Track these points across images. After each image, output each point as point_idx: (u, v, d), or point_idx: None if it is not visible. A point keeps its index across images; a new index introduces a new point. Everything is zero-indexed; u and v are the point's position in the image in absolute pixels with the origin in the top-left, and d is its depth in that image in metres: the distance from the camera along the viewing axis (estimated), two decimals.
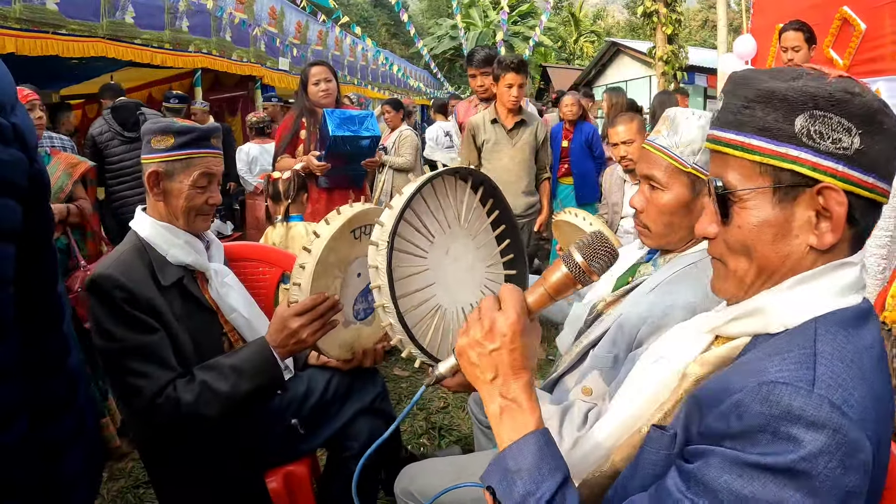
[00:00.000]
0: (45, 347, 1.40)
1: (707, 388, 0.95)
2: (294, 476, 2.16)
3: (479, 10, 35.83)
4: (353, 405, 2.23)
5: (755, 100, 0.96)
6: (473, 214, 1.68)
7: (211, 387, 1.79)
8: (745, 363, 0.94)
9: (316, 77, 4.11)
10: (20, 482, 1.25)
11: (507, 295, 1.11)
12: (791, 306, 0.97)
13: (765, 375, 0.86)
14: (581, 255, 1.12)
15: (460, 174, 1.64)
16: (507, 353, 1.06)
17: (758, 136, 0.96)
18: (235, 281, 2.14)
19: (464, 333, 1.12)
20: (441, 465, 1.94)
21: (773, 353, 0.91)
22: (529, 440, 1.03)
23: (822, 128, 0.91)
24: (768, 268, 1.00)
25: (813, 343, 0.89)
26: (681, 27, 16.25)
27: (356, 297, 2.08)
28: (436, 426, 3.54)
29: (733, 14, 16.87)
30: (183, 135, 1.96)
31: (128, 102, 5.62)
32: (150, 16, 8.33)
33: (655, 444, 1.00)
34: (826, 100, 0.91)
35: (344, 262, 1.96)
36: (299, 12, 12.93)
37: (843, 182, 0.92)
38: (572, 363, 1.88)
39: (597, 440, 1.18)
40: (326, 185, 4.10)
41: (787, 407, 0.81)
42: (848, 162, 0.92)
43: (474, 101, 5.06)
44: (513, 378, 1.07)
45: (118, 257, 1.88)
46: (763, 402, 0.83)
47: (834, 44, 5.12)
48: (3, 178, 1.16)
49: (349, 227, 1.90)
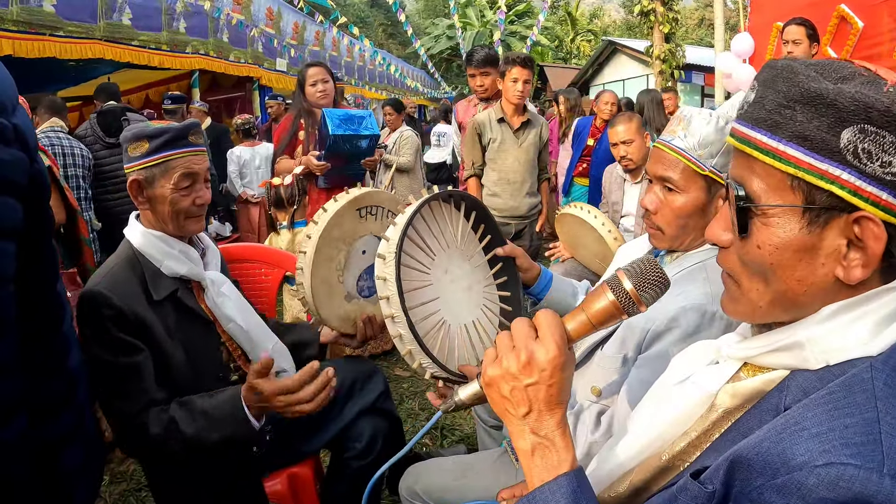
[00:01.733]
0: (46, 346, 1.41)
1: (759, 449, 0.82)
2: (297, 477, 2.16)
3: (475, 10, 35.85)
4: (355, 405, 2.21)
5: (798, 99, 0.83)
6: (468, 237, 1.71)
7: (179, 427, 1.74)
8: (801, 423, 0.81)
9: (313, 78, 4.10)
10: (19, 479, 1.26)
11: (545, 322, 1.00)
12: (833, 340, 0.85)
13: (830, 453, 0.74)
14: (632, 282, 1.00)
15: (454, 198, 1.67)
16: (544, 388, 0.96)
17: (796, 144, 0.83)
18: (233, 290, 2.08)
19: (495, 363, 1.01)
20: (446, 464, 1.94)
21: (834, 413, 0.79)
22: (563, 482, 0.94)
23: (871, 147, 0.78)
24: (787, 296, 0.89)
25: (874, 403, 0.77)
26: (677, 25, 16.28)
27: (360, 274, 2.14)
28: (439, 426, 3.53)
29: (730, 12, 16.92)
30: (157, 138, 1.86)
31: (114, 107, 5.54)
32: (147, 17, 8.35)
33: (691, 497, 0.89)
34: (882, 114, 0.77)
35: (349, 236, 2.06)
36: (297, 13, 12.95)
37: (885, 212, 0.79)
38: (577, 361, 1.87)
39: (617, 458, 1.10)
40: (326, 184, 4.09)
41: (857, 494, 0.70)
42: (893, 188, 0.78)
43: (473, 101, 5.03)
44: (548, 414, 0.97)
45: (110, 272, 1.83)
46: (831, 487, 0.72)
47: (832, 42, 5.13)
48: (4, 177, 1.18)
49: (355, 205, 2.01)
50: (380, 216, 2.11)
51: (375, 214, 2.09)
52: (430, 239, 1.61)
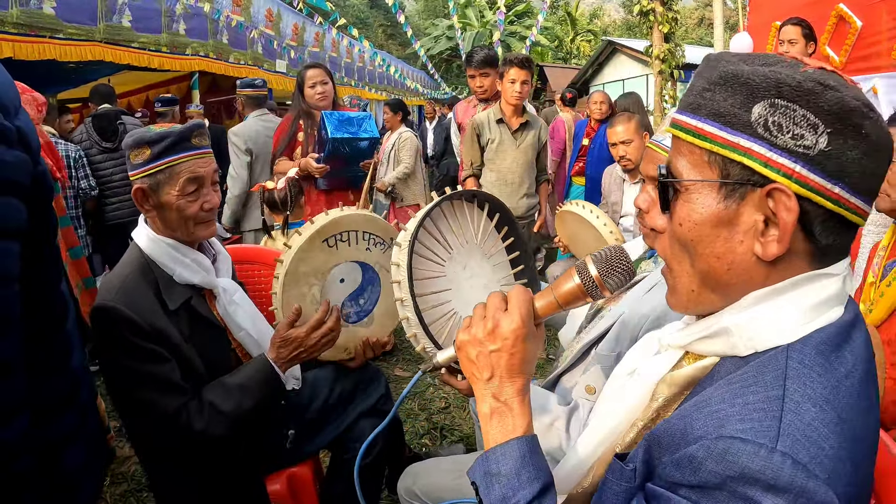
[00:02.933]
0: (49, 345, 1.42)
1: (668, 428, 0.87)
2: (297, 478, 2.17)
3: (475, 11, 35.84)
4: (356, 407, 2.23)
5: (717, 81, 0.87)
6: (490, 236, 1.73)
7: (218, 407, 1.79)
8: (708, 402, 0.84)
9: (312, 80, 4.11)
10: (23, 478, 1.27)
11: (515, 297, 1.08)
12: (759, 326, 0.87)
13: (724, 427, 0.77)
14: (597, 267, 1.07)
15: (478, 198, 1.69)
16: (506, 355, 1.05)
17: (710, 120, 0.86)
18: (244, 298, 2.06)
19: (466, 329, 1.10)
20: (444, 464, 1.94)
21: (739, 391, 0.82)
22: (514, 445, 1.01)
23: (781, 119, 0.80)
24: (711, 276, 0.90)
25: (783, 381, 0.79)
26: (677, 25, 16.27)
27: (343, 302, 2.11)
28: (437, 426, 3.55)
29: (729, 12, 16.91)
30: (158, 143, 1.79)
31: (108, 111, 5.51)
32: (147, 19, 8.35)
33: (617, 476, 0.94)
34: (793, 88, 0.79)
35: (319, 270, 2.02)
36: (296, 14, 12.96)
37: (798, 184, 0.81)
38: (574, 360, 1.88)
39: (579, 455, 1.14)
40: (325, 186, 4.10)
41: (743, 468, 0.73)
42: (809, 163, 0.80)
43: (473, 102, 5.05)
44: (508, 381, 1.05)
45: (122, 284, 1.77)
46: (719, 460, 0.75)
47: (830, 41, 5.13)
48: (7, 179, 1.19)
49: (319, 237, 1.96)
50: (354, 240, 2.04)
51: (348, 240, 2.02)
52: (449, 234, 1.65)
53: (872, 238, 3.25)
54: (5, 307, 1.20)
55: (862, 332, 0.88)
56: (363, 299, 2.16)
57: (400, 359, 4.55)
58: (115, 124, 5.40)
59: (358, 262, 2.09)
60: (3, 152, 1.18)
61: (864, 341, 0.88)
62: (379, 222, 2.07)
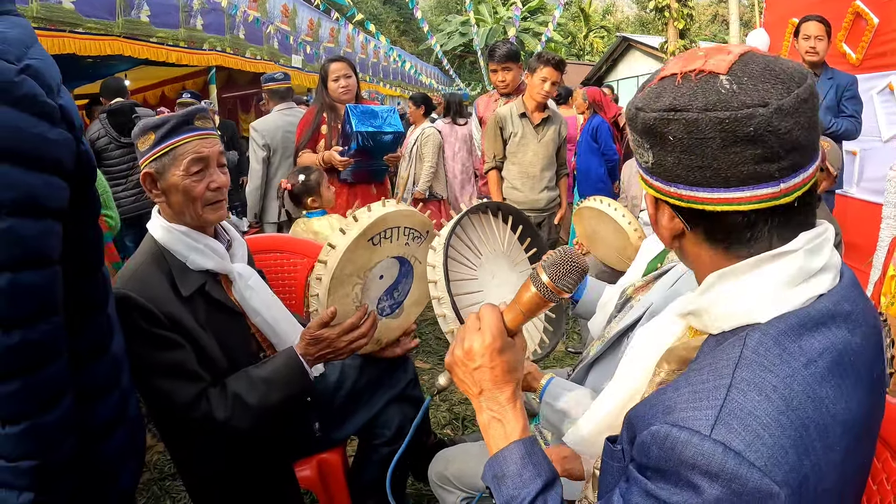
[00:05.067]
0: (91, 329, 1.42)
1: (636, 411, 0.93)
2: (327, 464, 2.19)
3: (488, 7, 35.81)
4: (384, 394, 2.24)
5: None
6: (514, 247, 1.74)
7: (243, 399, 1.80)
8: (665, 390, 0.90)
9: (336, 73, 4.10)
10: (67, 461, 1.27)
11: (484, 316, 1.16)
12: (723, 306, 0.92)
13: (669, 415, 0.83)
14: (547, 273, 1.12)
15: (502, 211, 1.74)
16: (488, 370, 1.12)
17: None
18: (259, 283, 2.06)
19: (451, 352, 1.18)
20: (474, 448, 1.95)
21: (691, 379, 0.87)
22: (513, 449, 1.09)
23: (635, 146, 0.95)
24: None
25: (732, 369, 0.83)
26: (692, 21, 16.18)
27: (380, 296, 2.11)
28: (458, 417, 3.56)
29: (743, 9, 16.80)
30: (161, 127, 1.82)
31: (123, 105, 5.48)
32: (166, 14, 8.40)
33: (609, 456, 1.01)
34: (630, 119, 0.94)
35: (363, 269, 1.99)
36: (312, 10, 12.99)
37: (653, 191, 0.95)
38: (604, 349, 1.89)
39: (592, 433, 1.22)
40: (350, 179, 4.11)
41: (679, 455, 0.79)
42: (652, 174, 0.93)
43: (494, 96, 5.05)
44: (497, 391, 1.13)
45: (135, 272, 1.80)
46: (661, 446, 0.81)
47: (847, 38, 5.10)
48: (52, 157, 1.19)
49: (365, 237, 1.90)
50: (396, 236, 2.01)
51: (391, 237, 1.99)
52: (478, 242, 1.71)
53: (891, 231, 3.24)
54: (48, 289, 1.20)
55: (849, 324, 0.89)
56: (397, 292, 2.15)
57: (420, 350, 4.57)
58: (131, 119, 5.40)
59: (397, 256, 2.07)
60: (46, 130, 1.17)
61: (848, 332, 0.88)
62: (417, 216, 2.02)
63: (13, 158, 1.12)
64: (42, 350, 1.19)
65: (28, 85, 1.15)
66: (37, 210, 1.16)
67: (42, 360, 1.19)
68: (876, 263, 3.21)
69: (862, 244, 4.19)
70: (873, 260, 3.32)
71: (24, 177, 1.13)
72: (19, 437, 1.17)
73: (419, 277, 2.16)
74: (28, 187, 1.14)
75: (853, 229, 4.65)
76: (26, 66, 1.16)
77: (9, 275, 1.12)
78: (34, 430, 1.18)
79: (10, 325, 1.13)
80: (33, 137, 1.15)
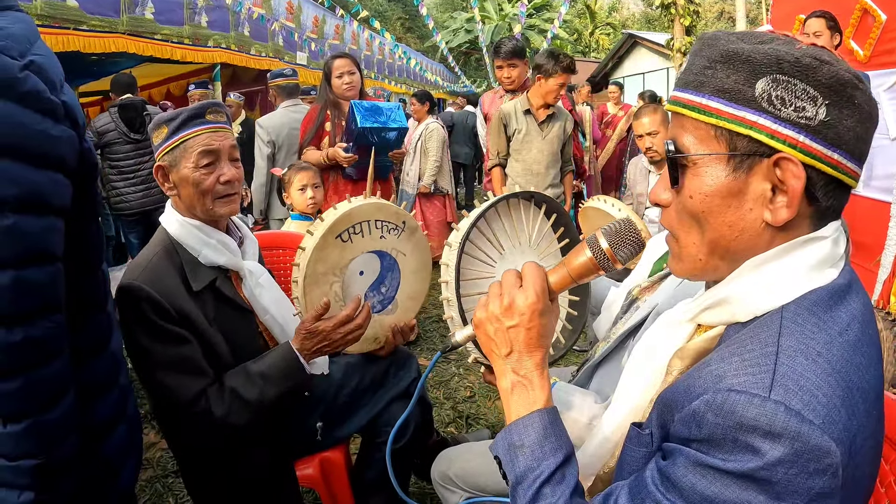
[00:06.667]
0: (91, 327, 1.41)
1: (674, 389, 0.92)
2: (329, 462, 2.18)
3: (493, 4, 35.74)
4: (388, 392, 2.23)
5: (718, 60, 0.91)
6: (544, 238, 1.72)
7: (241, 395, 1.79)
8: (709, 363, 0.90)
9: (339, 70, 4.09)
10: (68, 460, 1.26)
11: (529, 273, 1.11)
12: (755, 293, 0.92)
13: (721, 382, 0.83)
14: (607, 241, 1.10)
15: (535, 199, 1.69)
16: (524, 331, 1.07)
17: (716, 97, 0.90)
18: (270, 281, 2.07)
19: (483, 306, 1.12)
20: (477, 447, 1.94)
21: (736, 350, 0.88)
22: (535, 418, 1.05)
23: (784, 94, 0.85)
24: (721, 244, 0.95)
25: (777, 338, 0.85)
26: (698, 18, 16.16)
27: (366, 293, 2.10)
28: (462, 415, 3.55)
29: (750, 6, 16.75)
30: (173, 120, 1.84)
31: (133, 100, 5.52)
32: (170, 11, 8.40)
33: (635, 443, 0.99)
34: (792, 65, 0.85)
35: (337, 266, 1.99)
36: (316, 7, 12.98)
37: (802, 154, 0.86)
38: (609, 350, 1.88)
39: (604, 434, 1.17)
40: (354, 175, 4.10)
41: (740, 418, 0.79)
42: (811, 133, 0.86)
43: (500, 93, 5.04)
44: (527, 355, 1.08)
45: (147, 264, 1.80)
46: (717, 412, 0.81)
47: (854, 34, 5.06)
48: (55, 154, 1.19)
49: (332, 234, 1.92)
50: (367, 231, 2.01)
51: (361, 232, 1.99)
52: (502, 235, 1.66)
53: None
54: (50, 286, 1.20)
55: (859, 295, 0.92)
56: (385, 287, 2.14)
57: (424, 347, 4.57)
58: (142, 115, 5.41)
59: (374, 251, 2.06)
60: (50, 126, 1.17)
61: (863, 305, 0.91)
62: (389, 208, 2.03)
63: (17, 155, 1.11)
64: (44, 347, 1.19)
65: (31, 81, 1.14)
66: (40, 207, 1.16)
67: (44, 358, 1.19)
68: (884, 262, 3.19)
69: (870, 243, 4.16)
70: (881, 259, 3.30)
71: (27, 173, 1.13)
72: (21, 436, 1.16)
73: (410, 271, 2.16)
74: (32, 184, 1.14)
75: (861, 228, 4.61)
76: (30, 63, 1.16)
77: (12, 272, 1.12)
78: (36, 428, 1.18)
79: (12, 321, 1.13)
80: (37, 134, 1.14)
